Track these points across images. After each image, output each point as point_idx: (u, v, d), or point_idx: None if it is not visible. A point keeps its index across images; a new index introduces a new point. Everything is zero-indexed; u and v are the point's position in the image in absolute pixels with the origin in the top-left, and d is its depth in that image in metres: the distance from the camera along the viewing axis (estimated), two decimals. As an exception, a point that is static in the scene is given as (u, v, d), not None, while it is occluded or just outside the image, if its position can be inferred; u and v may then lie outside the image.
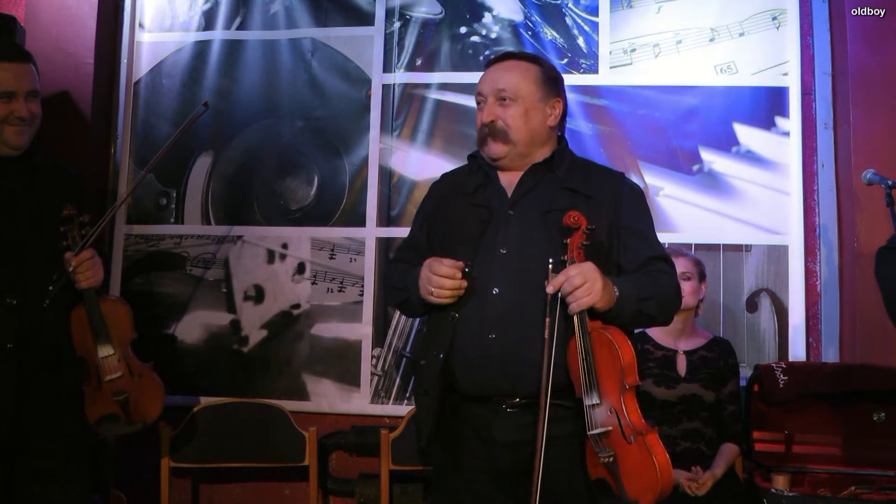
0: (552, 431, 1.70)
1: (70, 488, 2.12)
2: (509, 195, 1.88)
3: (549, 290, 1.70)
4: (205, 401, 2.89)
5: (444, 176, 2.09)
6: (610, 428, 1.69)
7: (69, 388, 2.15)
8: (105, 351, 2.18)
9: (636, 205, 1.93)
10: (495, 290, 1.78)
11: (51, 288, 2.07)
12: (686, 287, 2.52)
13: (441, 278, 1.76)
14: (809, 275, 2.88)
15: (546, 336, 1.70)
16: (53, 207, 2.11)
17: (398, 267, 2.02)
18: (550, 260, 1.73)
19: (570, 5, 3.07)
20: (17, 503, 2.07)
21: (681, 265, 2.54)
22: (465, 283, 1.77)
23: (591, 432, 1.69)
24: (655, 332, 2.60)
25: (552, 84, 1.91)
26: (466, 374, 1.79)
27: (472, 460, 1.82)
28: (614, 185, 1.92)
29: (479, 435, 1.81)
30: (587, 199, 1.84)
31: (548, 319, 1.70)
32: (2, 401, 2.00)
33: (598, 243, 1.78)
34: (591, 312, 1.71)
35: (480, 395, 1.79)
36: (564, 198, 1.84)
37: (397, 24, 3.14)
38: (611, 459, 1.67)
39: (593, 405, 1.69)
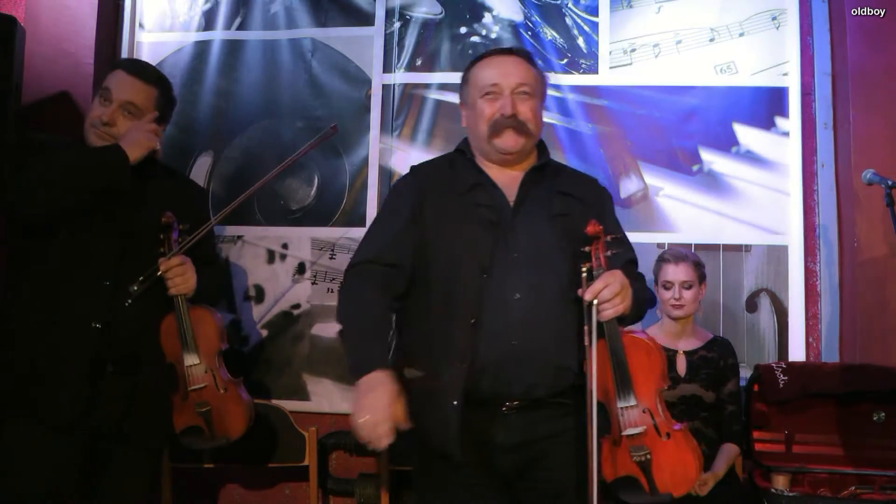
0: (558, 427, 1.74)
1: (131, 492, 2.17)
2: (508, 196, 1.85)
3: (588, 297, 1.70)
4: (205, 401, 2.89)
5: (419, 169, 1.98)
6: (645, 427, 1.74)
7: (149, 394, 2.13)
8: (191, 360, 2.15)
9: (612, 210, 2.02)
10: (517, 296, 1.75)
11: (135, 288, 2.08)
12: (687, 295, 2.52)
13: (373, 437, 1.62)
14: (809, 275, 2.88)
15: (586, 343, 1.70)
16: (157, 213, 2.13)
17: (365, 278, 1.81)
18: (584, 269, 1.74)
19: (570, 5, 3.07)
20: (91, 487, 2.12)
21: (682, 273, 2.53)
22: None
23: (626, 432, 1.74)
24: (655, 333, 2.60)
25: (546, 87, 1.98)
26: (480, 380, 1.74)
27: (468, 464, 1.77)
28: (595, 191, 1.99)
29: (475, 438, 1.77)
30: (581, 204, 1.87)
31: (586, 327, 1.70)
32: (80, 378, 2.01)
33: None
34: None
35: (489, 400, 1.76)
36: (561, 202, 1.86)
37: (397, 25, 3.14)
38: (647, 457, 1.73)
39: (627, 407, 1.74)
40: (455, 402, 1.71)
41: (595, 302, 1.70)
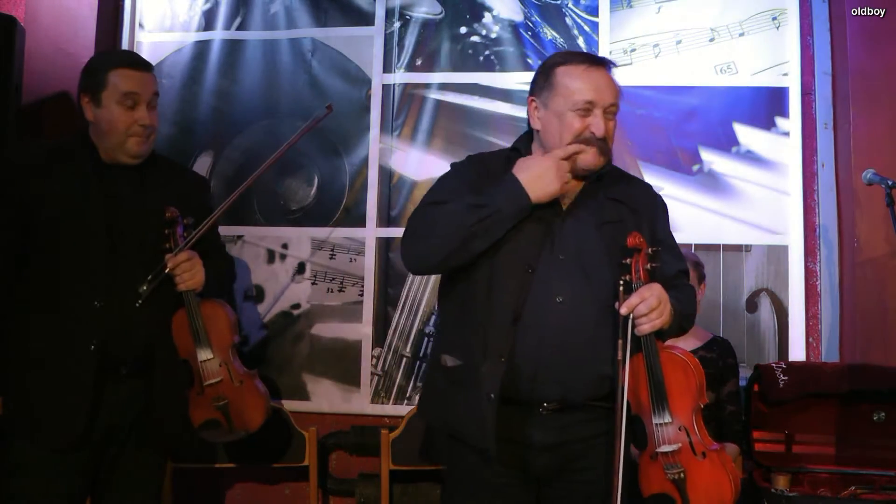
0: (593, 430, 1.72)
1: (142, 492, 2.15)
2: (560, 197, 1.82)
3: (623, 311, 1.68)
4: (205, 401, 2.88)
5: (477, 159, 1.94)
6: (680, 445, 1.71)
7: (163, 393, 2.10)
8: (204, 354, 2.12)
9: (666, 218, 1.97)
10: (559, 299, 1.74)
11: (144, 288, 2.05)
12: None
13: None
14: (809, 275, 2.88)
15: (619, 358, 1.68)
16: (161, 210, 2.11)
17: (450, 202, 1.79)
18: (621, 281, 1.71)
19: (570, 5, 3.07)
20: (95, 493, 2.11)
21: None
22: None
23: (660, 449, 1.71)
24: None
25: None
26: (517, 379, 1.74)
27: (502, 464, 1.77)
28: (649, 198, 1.95)
29: (511, 438, 1.76)
30: (633, 213, 1.85)
31: (620, 341, 1.68)
32: (80, 400, 1.97)
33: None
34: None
35: (526, 400, 1.76)
36: (612, 209, 1.84)
37: (397, 24, 3.14)
38: (681, 476, 1.69)
39: (663, 423, 1.71)
40: (492, 396, 1.71)
41: (631, 316, 1.68)
